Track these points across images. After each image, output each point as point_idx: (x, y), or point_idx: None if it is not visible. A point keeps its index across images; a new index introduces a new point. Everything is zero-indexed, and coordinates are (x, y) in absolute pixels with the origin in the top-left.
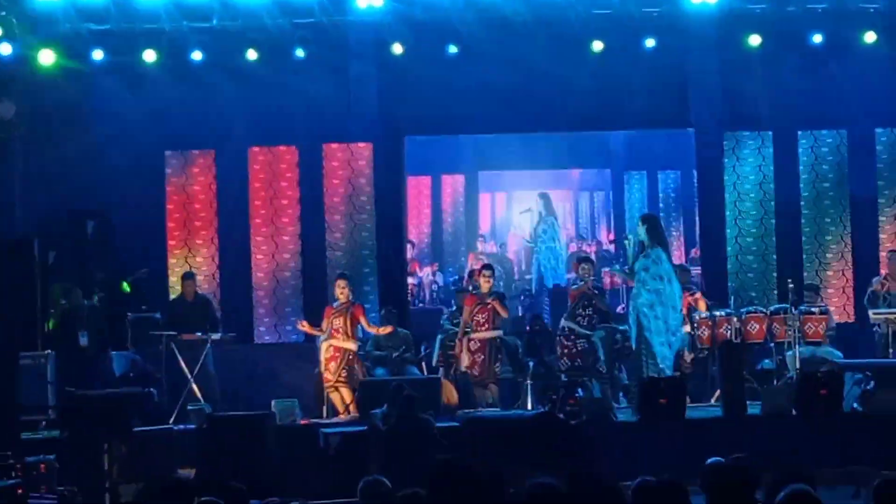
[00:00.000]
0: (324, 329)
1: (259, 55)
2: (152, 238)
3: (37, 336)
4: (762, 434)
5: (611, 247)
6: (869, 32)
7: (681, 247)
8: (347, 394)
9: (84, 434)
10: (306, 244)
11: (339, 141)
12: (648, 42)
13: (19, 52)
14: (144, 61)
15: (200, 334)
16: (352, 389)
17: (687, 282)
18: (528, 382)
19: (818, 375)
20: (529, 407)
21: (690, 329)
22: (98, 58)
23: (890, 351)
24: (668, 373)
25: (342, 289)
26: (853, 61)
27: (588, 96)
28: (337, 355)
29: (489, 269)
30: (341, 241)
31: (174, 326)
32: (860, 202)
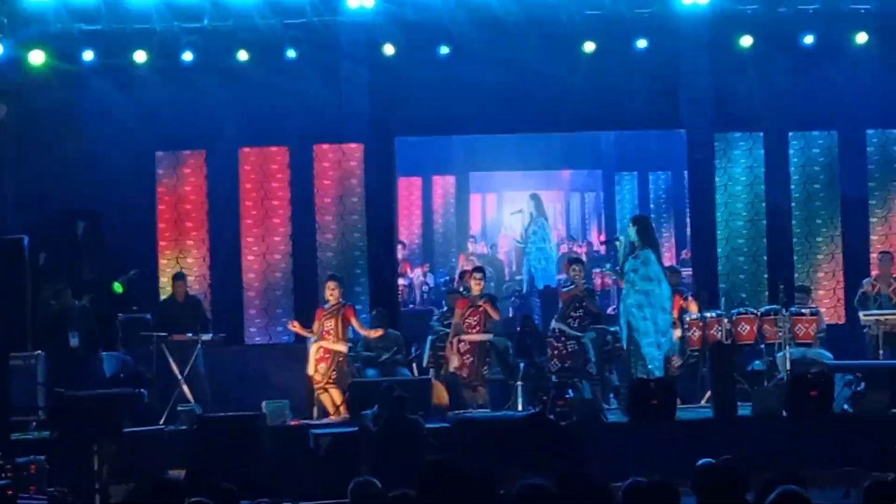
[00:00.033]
0: (315, 331)
1: (250, 55)
2: (143, 239)
3: (27, 337)
4: (753, 435)
5: (602, 248)
6: (860, 33)
7: (671, 248)
8: (337, 395)
9: (74, 435)
10: (297, 245)
11: (331, 142)
12: (640, 43)
13: (10, 53)
14: (135, 61)
15: (191, 335)
16: (341, 390)
17: (678, 283)
18: (519, 383)
19: (808, 377)
20: (520, 408)
21: (681, 332)
22: (89, 58)
23: (880, 352)
24: (658, 374)
25: (332, 290)
26: (844, 62)
27: (579, 97)
28: (327, 357)
29: (480, 272)
30: (332, 242)
31: (165, 327)
32: (851, 203)
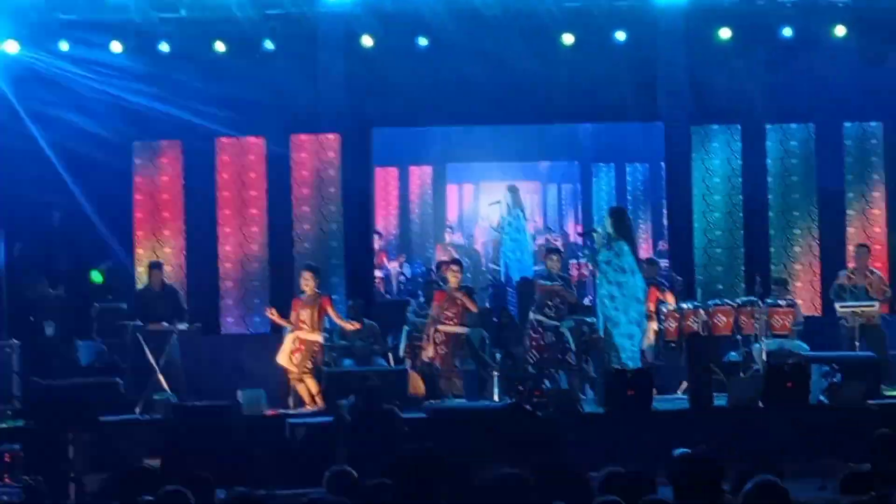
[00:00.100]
0: (292, 321)
1: (228, 46)
2: (119, 229)
3: (2, 326)
4: (729, 426)
5: (578, 239)
6: (838, 26)
7: (648, 240)
8: (313, 384)
9: (49, 424)
10: (274, 235)
11: (308, 132)
12: (618, 35)
13: None
14: (112, 51)
15: (167, 324)
16: (317, 380)
17: (656, 275)
18: (495, 374)
19: (785, 368)
20: (496, 398)
21: (657, 325)
22: (65, 49)
23: (856, 344)
24: (632, 365)
25: (307, 280)
26: (822, 55)
27: (557, 89)
28: (302, 347)
29: (457, 264)
30: (309, 233)
31: (140, 316)
32: (828, 196)
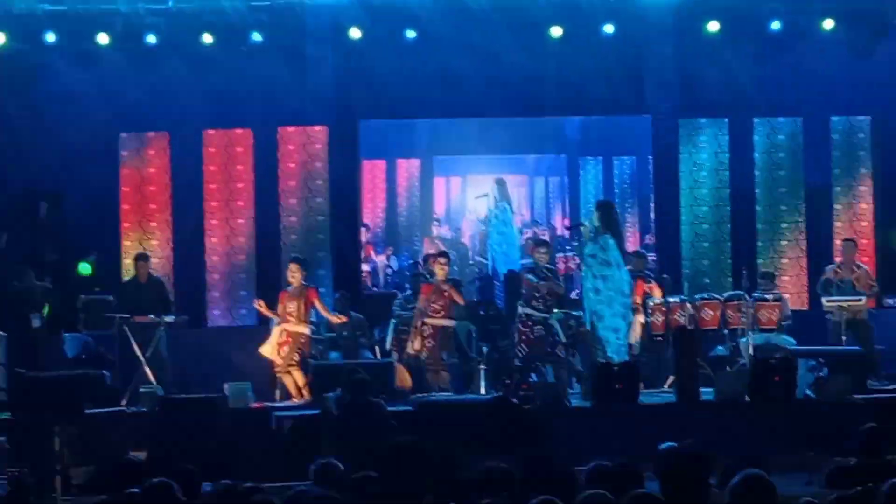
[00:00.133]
0: (279, 313)
1: (215, 38)
2: (106, 220)
3: None
4: (715, 420)
5: (566, 232)
6: (827, 20)
7: (636, 233)
8: (300, 376)
9: (35, 416)
10: (261, 228)
11: (295, 124)
12: (607, 28)
13: None
14: (99, 43)
15: (153, 317)
16: (304, 372)
17: (644, 268)
18: (482, 367)
19: (772, 362)
20: (483, 392)
21: (644, 318)
22: (51, 40)
23: (843, 338)
24: (617, 358)
25: (294, 273)
26: (810, 49)
27: (545, 82)
28: (289, 339)
29: (444, 257)
30: (296, 225)
31: (127, 309)
32: (815, 190)
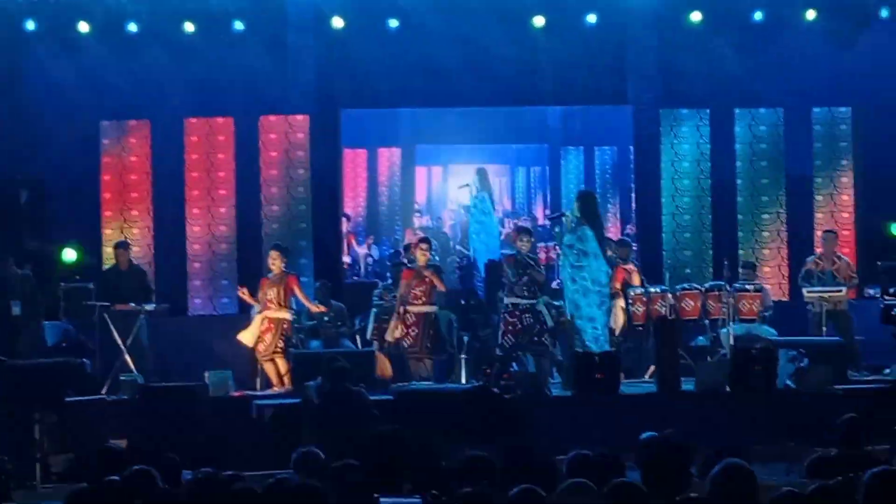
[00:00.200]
0: (259, 300)
1: (197, 26)
2: (87, 208)
3: None
4: (696, 410)
5: (546, 222)
6: (809, 10)
7: (617, 223)
8: (283, 364)
9: (15, 404)
10: (243, 217)
11: (277, 113)
12: (590, 18)
13: None
14: (80, 31)
15: (134, 305)
16: (288, 360)
17: (627, 256)
18: (463, 357)
19: (752, 352)
20: (464, 381)
21: (624, 303)
22: (32, 28)
23: (823, 329)
24: (594, 348)
25: (274, 260)
26: (791, 39)
27: (527, 72)
28: (271, 326)
29: (426, 242)
30: (278, 214)
31: (107, 297)
32: (796, 181)
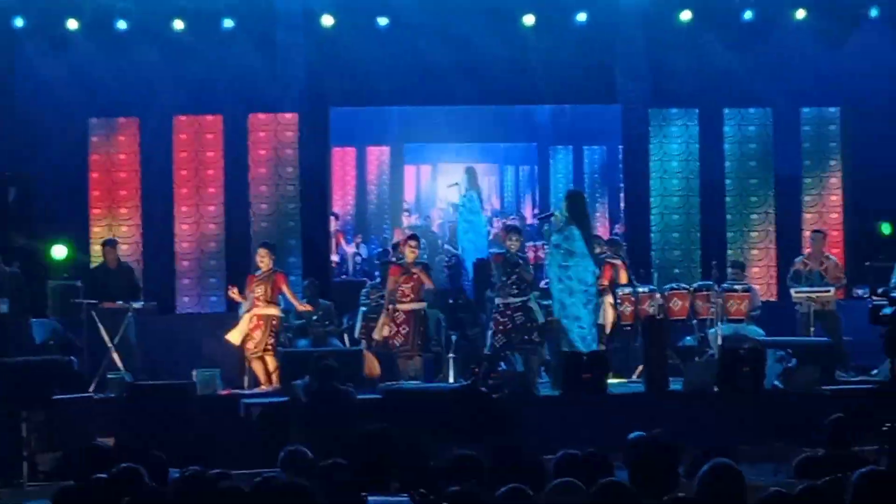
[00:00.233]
0: (245, 296)
1: (186, 24)
2: (75, 206)
3: None
4: (684, 410)
5: (535, 222)
6: (799, 10)
7: (605, 222)
8: (272, 361)
9: (3, 402)
10: (231, 215)
11: (266, 111)
12: (580, 17)
13: None
14: (68, 28)
15: (122, 303)
16: (277, 358)
17: (616, 254)
18: (451, 356)
19: (740, 352)
20: (451, 380)
21: (612, 299)
22: (21, 24)
23: (811, 329)
24: (580, 346)
25: (262, 258)
26: (781, 39)
27: (516, 70)
28: (261, 324)
29: (415, 240)
30: (267, 212)
31: (95, 294)
32: (785, 181)
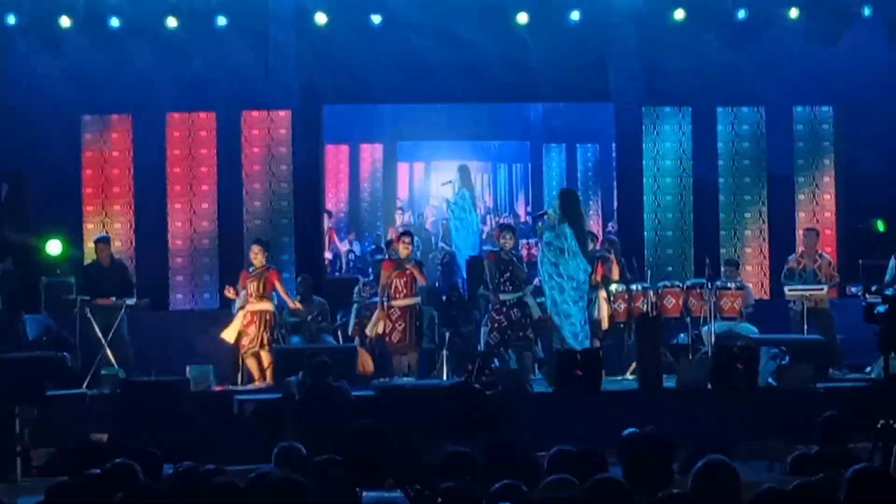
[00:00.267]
0: (238, 292)
1: (179, 21)
2: (68, 202)
3: None
4: (677, 407)
5: (528, 219)
6: (792, 8)
7: (598, 220)
8: (267, 357)
9: None
10: (225, 212)
11: (259, 108)
12: (573, 15)
13: None
14: (61, 25)
15: (115, 299)
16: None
17: (609, 250)
18: (444, 353)
19: (734, 350)
20: (445, 377)
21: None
22: (13, 21)
23: (805, 327)
24: (574, 344)
25: (256, 254)
26: (774, 38)
27: (510, 68)
28: (254, 320)
29: (408, 236)
30: (260, 210)
31: (89, 291)
32: (778, 180)
